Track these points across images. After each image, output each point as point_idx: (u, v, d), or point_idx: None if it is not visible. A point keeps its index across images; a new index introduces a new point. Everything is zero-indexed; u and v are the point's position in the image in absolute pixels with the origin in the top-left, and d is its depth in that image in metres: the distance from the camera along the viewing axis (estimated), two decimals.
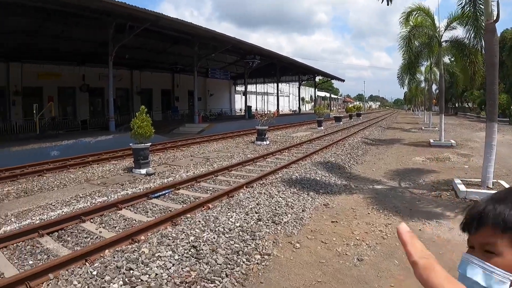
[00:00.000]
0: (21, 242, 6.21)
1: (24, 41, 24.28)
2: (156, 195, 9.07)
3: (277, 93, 48.80)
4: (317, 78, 55.03)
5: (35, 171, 12.66)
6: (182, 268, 5.04)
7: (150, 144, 12.71)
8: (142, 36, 22.79)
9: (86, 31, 23.56)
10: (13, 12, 18.50)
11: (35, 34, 23.41)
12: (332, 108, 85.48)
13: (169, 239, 5.96)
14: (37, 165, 13.63)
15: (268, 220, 7.03)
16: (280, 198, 8.51)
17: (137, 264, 5.08)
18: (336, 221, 7.16)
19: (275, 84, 49.72)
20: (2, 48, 24.48)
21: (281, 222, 6.96)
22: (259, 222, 6.87)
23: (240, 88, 53.99)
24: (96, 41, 25.33)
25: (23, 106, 27.29)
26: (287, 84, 66.14)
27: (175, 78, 41.64)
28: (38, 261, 5.57)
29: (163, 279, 4.74)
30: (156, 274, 4.84)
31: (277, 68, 42.71)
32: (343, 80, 57.53)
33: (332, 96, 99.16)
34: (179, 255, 5.38)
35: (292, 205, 8.09)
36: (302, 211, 7.75)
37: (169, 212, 7.62)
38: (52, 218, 7.44)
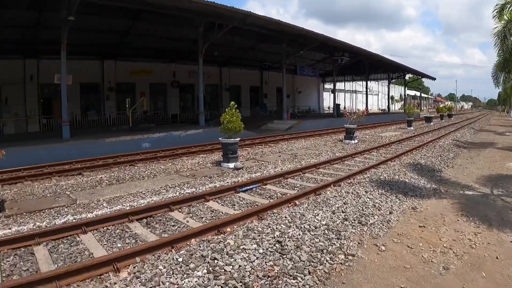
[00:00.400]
0: (111, 226, 6.57)
1: (117, 40, 26.20)
2: (243, 189, 9.14)
3: (366, 91, 47.93)
4: (407, 76, 52.67)
5: (127, 161, 13.48)
6: (265, 262, 5.03)
7: (239, 139, 12.87)
8: (231, 33, 23.30)
9: (176, 30, 24.62)
10: (107, 13, 19.99)
11: (127, 33, 25.10)
12: (422, 108, 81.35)
13: (254, 233, 5.98)
14: (129, 156, 14.54)
15: (354, 220, 6.86)
16: (368, 199, 8.26)
17: (221, 255, 5.14)
18: (424, 226, 6.87)
19: (364, 82, 48.80)
20: (97, 47, 26.68)
21: (367, 223, 6.77)
22: (345, 222, 6.73)
23: (328, 85, 53.35)
24: (186, 39, 26.33)
25: (117, 100, 29.40)
26: (376, 82, 64.17)
27: (263, 75, 42.20)
28: (126, 245, 5.85)
29: (246, 271, 4.75)
30: (240, 266, 4.86)
31: (366, 65, 41.80)
32: (434, 79, 54.47)
33: (422, 95, 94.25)
34: (263, 249, 5.38)
35: (380, 206, 7.82)
36: (389, 213, 7.49)
37: (256, 206, 7.64)
38: (142, 205, 7.81)
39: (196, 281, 4.46)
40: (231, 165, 12.17)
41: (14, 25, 19.94)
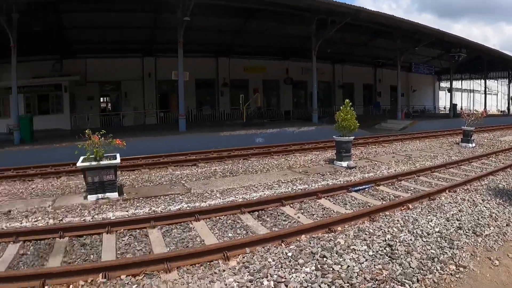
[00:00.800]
0: (223, 216, 6.86)
1: (230, 38, 27.35)
2: (356, 188, 8.97)
3: (485, 90, 44.30)
4: None
5: (241, 155, 13.97)
6: (374, 265, 4.91)
7: (353, 137, 12.68)
8: (342, 30, 22.99)
9: (289, 27, 24.90)
10: (220, 13, 20.91)
11: (240, 31, 26.05)
12: None
13: (365, 234, 5.87)
14: (243, 150, 15.05)
15: (468, 229, 6.41)
16: (484, 208, 7.66)
17: (331, 253, 5.11)
18: None
19: (482, 81, 45.09)
20: (212, 45, 28.20)
21: (482, 234, 6.28)
22: (459, 231, 6.32)
23: (444, 84, 50.33)
24: (298, 36, 26.71)
25: (230, 96, 30.86)
26: (495, 81, 58.84)
27: (377, 72, 41.10)
28: (237, 235, 6.05)
29: (354, 272, 4.67)
30: (348, 266, 4.80)
31: (484, 62, 38.26)
32: None
33: None
34: (373, 251, 5.28)
35: (496, 217, 7.20)
36: (506, 225, 6.86)
37: (368, 207, 7.49)
38: (254, 198, 8.05)
39: (303, 277, 4.48)
40: (344, 163, 12.01)
41: (133, 26, 21.92)
